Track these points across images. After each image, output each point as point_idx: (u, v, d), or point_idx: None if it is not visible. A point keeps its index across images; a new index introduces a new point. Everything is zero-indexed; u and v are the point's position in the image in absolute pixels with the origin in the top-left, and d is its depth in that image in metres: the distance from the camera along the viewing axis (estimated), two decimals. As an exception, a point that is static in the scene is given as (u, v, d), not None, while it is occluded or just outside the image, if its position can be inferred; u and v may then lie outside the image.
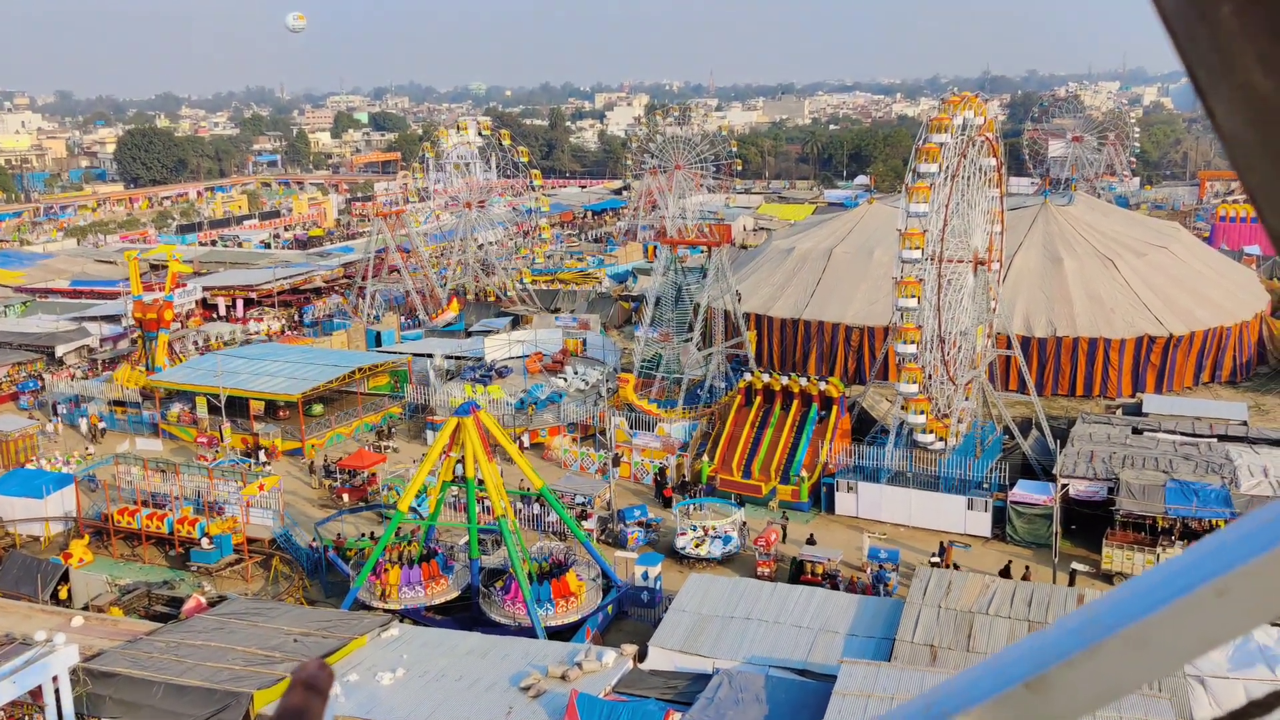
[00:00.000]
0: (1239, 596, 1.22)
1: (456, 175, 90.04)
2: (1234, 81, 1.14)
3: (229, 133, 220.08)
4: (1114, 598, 1.30)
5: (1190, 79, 1.17)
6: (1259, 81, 1.13)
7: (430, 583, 36.98)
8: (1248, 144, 1.15)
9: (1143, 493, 41.54)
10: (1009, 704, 1.32)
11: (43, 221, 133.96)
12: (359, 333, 71.48)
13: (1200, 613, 1.22)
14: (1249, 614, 1.23)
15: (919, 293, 43.71)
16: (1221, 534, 1.26)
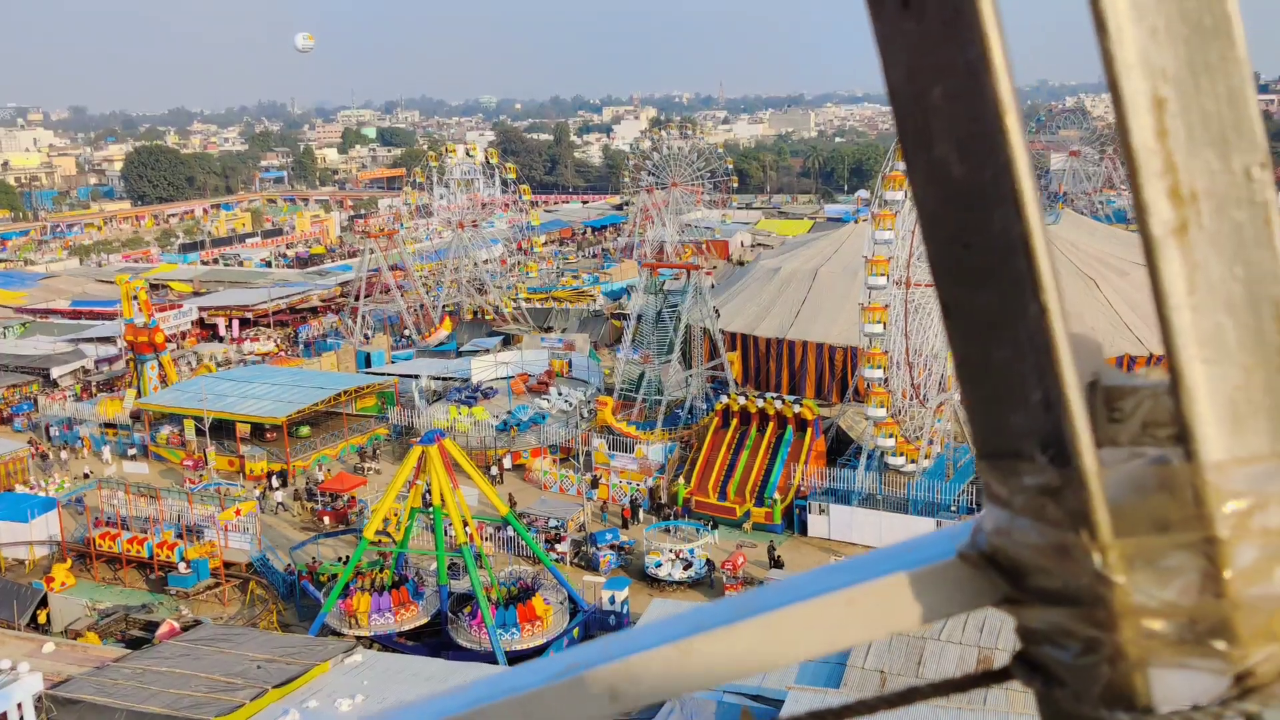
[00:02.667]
0: (863, 608, 1.49)
1: (460, 192, 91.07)
2: (931, 156, 1.30)
3: (238, 149, 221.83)
4: (770, 589, 1.58)
5: (903, 147, 1.34)
6: (953, 162, 1.30)
7: (400, 609, 37.68)
8: (932, 214, 1.31)
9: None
10: (654, 661, 1.58)
11: (49, 240, 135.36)
12: (349, 354, 72.31)
13: (829, 615, 1.49)
14: (868, 626, 1.49)
15: (884, 318, 44.37)
16: (876, 553, 1.56)
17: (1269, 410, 1.26)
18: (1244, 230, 1.23)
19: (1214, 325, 1.24)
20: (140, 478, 53.42)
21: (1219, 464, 1.23)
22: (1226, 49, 1.20)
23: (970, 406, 1.34)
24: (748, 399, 51.59)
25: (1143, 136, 1.21)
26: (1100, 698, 1.31)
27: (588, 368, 65.80)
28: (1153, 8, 1.21)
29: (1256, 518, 1.23)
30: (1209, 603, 1.26)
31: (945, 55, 1.24)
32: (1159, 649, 1.27)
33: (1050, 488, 1.29)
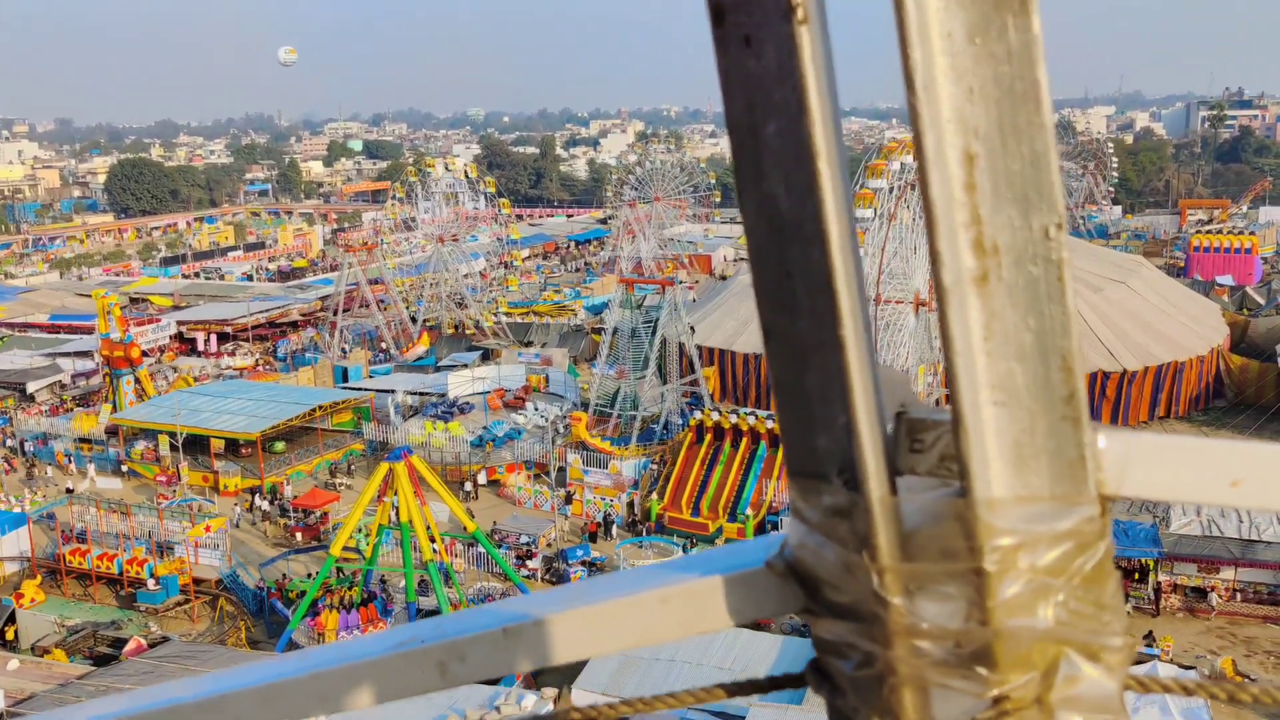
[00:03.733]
0: (675, 607, 1.63)
1: (444, 205, 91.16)
2: (762, 189, 1.40)
3: (223, 162, 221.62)
4: (594, 583, 1.73)
5: (735, 177, 1.46)
6: (780, 196, 1.40)
7: (368, 626, 37.65)
8: (760, 244, 1.42)
9: (1074, 532, 42.13)
10: (484, 642, 1.71)
11: (30, 253, 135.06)
12: (326, 369, 72.26)
13: (643, 611, 1.63)
14: (680, 624, 1.63)
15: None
16: (695, 556, 1.75)
17: (1050, 454, 1.36)
18: (1039, 285, 1.32)
19: (1006, 370, 1.35)
20: (114, 493, 53.31)
21: (990, 501, 1.35)
22: (1034, 114, 1.27)
23: (783, 427, 1.46)
24: (721, 414, 51.69)
25: (952, 189, 1.29)
26: (875, 708, 1.42)
27: (565, 383, 65.85)
28: (970, 69, 1.27)
29: (1023, 555, 1.35)
30: (974, 630, 1.35)
31: (779, 95, 1.33)
32: (927, 668, 1.38)
33: (842, 509, 1.41)
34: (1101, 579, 1.38)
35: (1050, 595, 1.36)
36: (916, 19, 1.27)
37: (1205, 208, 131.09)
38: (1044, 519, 1.36)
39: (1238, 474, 1.43)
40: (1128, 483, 1.41)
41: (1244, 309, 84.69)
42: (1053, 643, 1.37)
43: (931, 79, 1.29)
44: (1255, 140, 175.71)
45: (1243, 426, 61.36)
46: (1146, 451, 1.41)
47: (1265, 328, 74.07)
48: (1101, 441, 1.41)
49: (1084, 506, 1.37)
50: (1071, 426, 1.36)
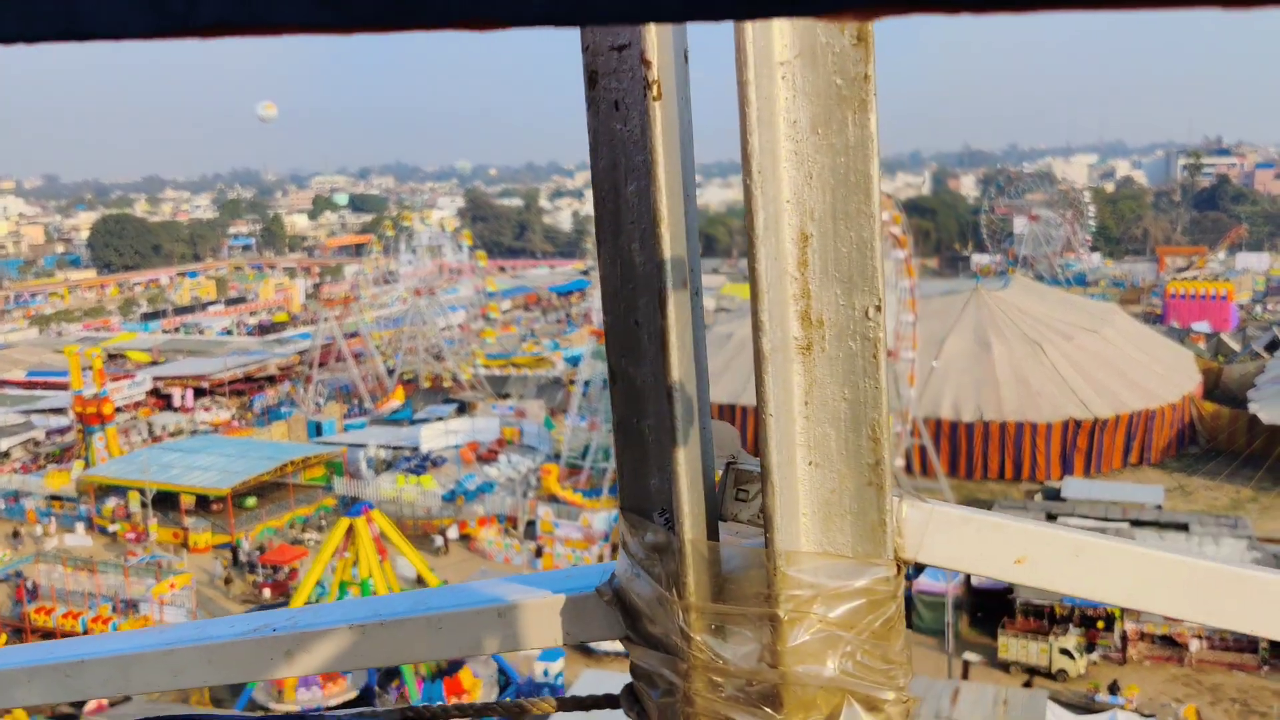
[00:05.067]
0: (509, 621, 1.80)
1: (427, 258, 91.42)
2: (618, 242, 1.54)
3: (208, 216, 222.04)
4: (444, 591, 1.93)
5: (596, 228, 1.59)
6: (635, 251, 1.53)
7: (328, 683, 37.40)
8: (614, 291, 1.55)
9: (1040, 581, 42.09)
10: (333, 638, 1.89)
11: (11, 309, 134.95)
12: (299, 423, 72.14)
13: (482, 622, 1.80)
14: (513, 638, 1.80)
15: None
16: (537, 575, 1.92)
17: (855, 515, 1.48)
18: (856, 359, 1.45)
19: (822, 434, 1.46)
20: (83, 551, 53.04)
21: (790, 554, 1.44)
22: (864, 203, 1.40)
23: (619, 465, 1.59)
24: (691, 466, 51.72)
25: (784, 264, 1.41)
26: None
27: (539, 435, 65.81)
28: (811, 157, 1.38)
29: (818, 606, 1.45)
30: (765, 671, 1.45)
31: (639, 158, 1.45)
32: (720, 703, 1.48)
33: (660, 546, 1.52)
34: (890, 635, 1.50)
35: (839, 646, 1.47)
36: (761, 106, 1.38)
37: (1183, 255, 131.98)
38: (841, 575, 1.47)
39: (1022, 552, 1.57)
40: (923, 550, 1.55)
41: (1219, 355, 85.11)
42: (837, 690, 1.47)
43: (773, 162, 1.40)
44: (1232, 188, 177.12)
45: (1214, 473, 61.57)
46: (944, 524, 1.55)
47: (1239, 374, 74.42)
48: (906, 510, 1.55)
49: (880, 567, 1.49)
50: (876, 492, 1.48)
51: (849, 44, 1.38)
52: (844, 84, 1.39)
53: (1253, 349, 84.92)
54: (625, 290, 1.52)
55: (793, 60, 1.39)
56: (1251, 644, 41.05)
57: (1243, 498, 58.10)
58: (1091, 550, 1.56)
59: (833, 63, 1.39)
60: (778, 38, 1.38)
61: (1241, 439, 63.09)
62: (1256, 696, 38.62)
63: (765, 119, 1.40)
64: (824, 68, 1.39)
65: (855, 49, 1.38)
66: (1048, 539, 1.56)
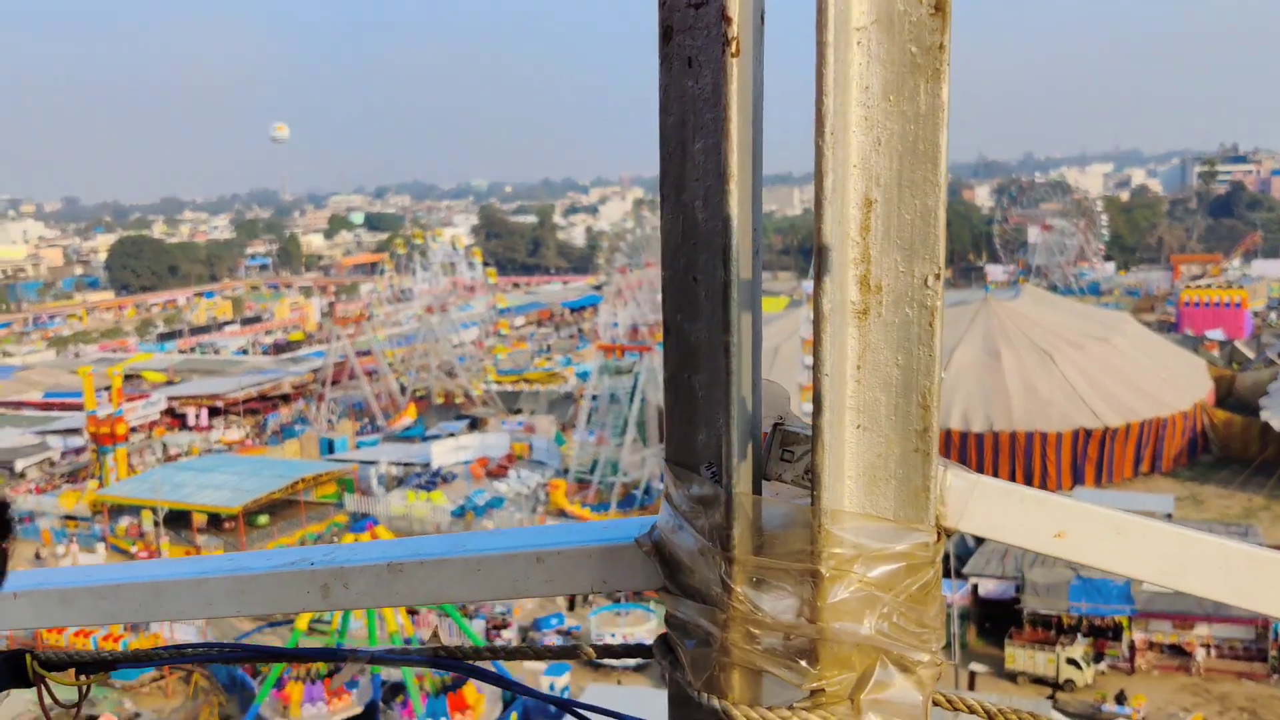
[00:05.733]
0: (548, 566, 1.82)
1: (442, 275, 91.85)
2: (681, 198, 1.54)
3: (226, 237, 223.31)
4: (480, 535, 1.94)
5: (660, 184, 1.59)
6: (698, 208, 1.53)
7: (333, 698, 37.57)
8: (675, 247, 1.56)
9: (1047, 590, 42.07)
10: (370, 574, 1.92)
11: (30, 331, 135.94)
12: (311, 441, 72.49)
13: (520, 566, 1.83)
14: (550, 583, 1.82)
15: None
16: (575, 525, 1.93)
17: (900, 480, 1.51)
18: (912, 326, 1.47)
19: (872, 399, 1.50)
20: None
21: (835, 512, 1.49)
22: (930, 172, 1.43)
23: (669, 418, 1.61)
24: (699, 480, 51.80)
25: (847, 228, 1.45)
26: (706, 684, 1.57)
27: (548, 450, 65.99)
28: (881, 123, 1.42)
29: (858, 566, 1.49)
30: (803, 626, 1.49)
31: (710, 115, 1.49)
32: (756, 655, 1.52)
33: (707, 499, 1.55)
34: (926, 600, 1.52)
35: (876, 607, 1.50)
36: (837, 70, 1.42)
37: (1198, 263, 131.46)
38: (883, 537, 1.49)
39: (1062, 527, 1.60)
40: (965, 519, 1.58)
41: (1233, 363, 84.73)
42: (871, 649, 1.50)
43: (844, 125, 1.43)
44: (1248, 195, 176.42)
45: (1226, 481, 61.32)
46: (986, 494, 1.58)
47: (1251, 381, 74.06)
48: (950, 479, 1.57)
49: (921, 533, 1.51)
50: (922, 459, 1.51)
51: (926, 13, 1.42)
52: (918, 52, 1.43)
53: (1267, 356, 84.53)
54: (686, 246, 1.55)
55: (869, 26, 1.42)
56: (1261, 652, 40.91)
57: (1255, 506, 57.83)
58: (1132, 528, 1.60)
59: (909, 30, 1.42)
60: (856, 3, 1.42)
61: (1254, 447, 62.81)
62: (1266, 705, 38.44)
63: (840, 82, 1.43)
64: (900, 35, 1.42)
65: (933, 18, 1.42)
66: (1089, 515, 1.61)
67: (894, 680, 1.51)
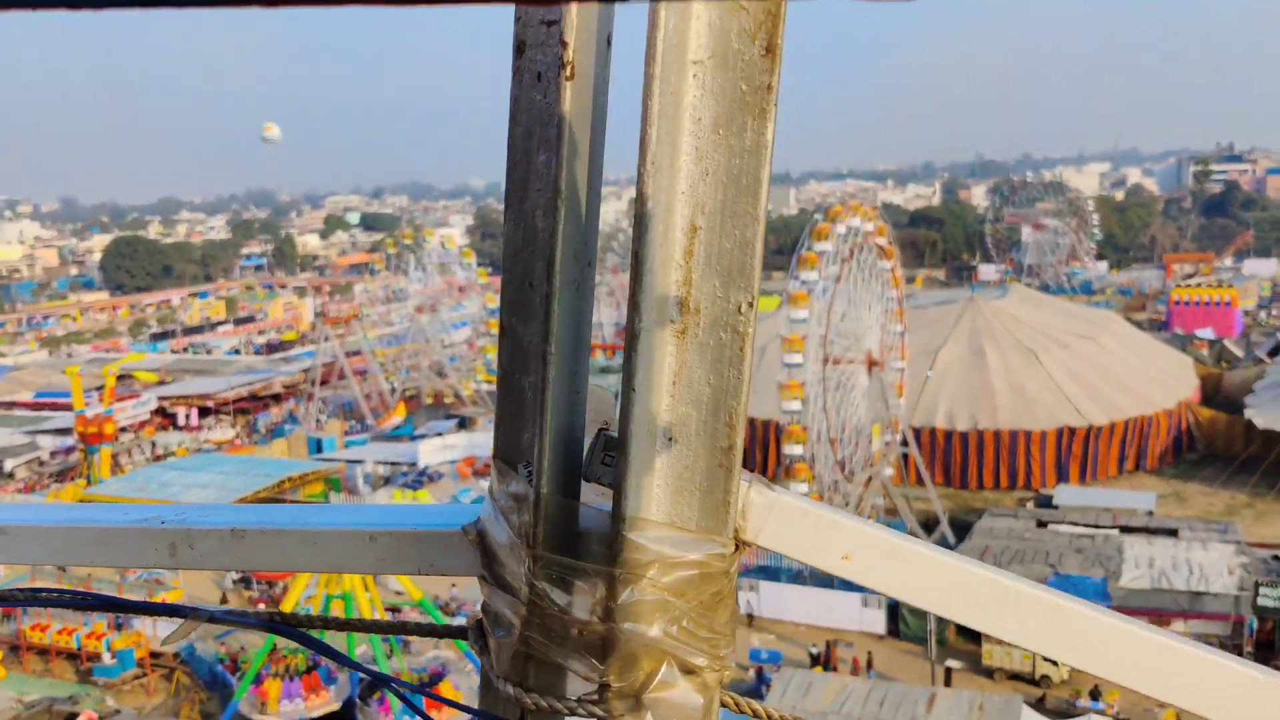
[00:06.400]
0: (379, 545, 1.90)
1: (437, 275, 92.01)
2: (523, 207, 1.64)
3: (222, 237, 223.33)
4: (321, 509, 2.04)
5: (505, 192, 1.68)
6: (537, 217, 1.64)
7: (311, 694, 37.77)
8: (514, 252, 1.66)
9: (1024, 587, 42.24)
10: (215, 538, 2.00)
11: (24, 331, 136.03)
12: (300, 440, 72.65)
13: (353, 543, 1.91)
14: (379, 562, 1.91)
15: (802, 395, 44.93)
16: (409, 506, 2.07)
17: (704, 492, 1.59)
18: (725, 350, 1.56)
19: (685, 414, 1.57)
20: (81, 569, 53.57)
21: (633, 520, 1.57)
22: (751, 206, 1.51)
23: (498, 415, 1.70)
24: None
25: (672, 251, 1.53)
26: (508, 673, 1.68)
27: (535, 449, 66.17)
28: (709, 154, 1.50)
29: (653, 571, 1.57)
30: (595, 624, 1.58)
31: (552, 131, 1.58)
32: (551, 648, 1.62)
33: (520, 497, 1.65)
34: (718, 608, 1.61)
35: (668, 611, 1.57)
36: (663, 102, 1.49)
37: (1190, 262, 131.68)
38: (680, 546, 1.57)
39: (850, 550, 1.67)
40: (762, 534, 1.66)
41: (1223, 361, 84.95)
42: (659, 651, 1.58)
43: (674, 153, 1.50)
44: (1242, 194, 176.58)
45: (1210, 479, 61.53)
46: (785, 513, 1.65)
47: (1239, 380, 74.30)
48: (754, 496, 1.65)
49: (718, 544, 1.59)
50: (725, 474, 1.60)
51: (758, 53, 1.47)
52: (748, 90, 1.47)
53: (1256, 355, 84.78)
54: (525, 252, 1.61)
55: (705, 60, 1.48)
56: (1237, 648, 41.08)
57: (1238, 503, 58.03)
58: (912, 557, 1.65)
59: (741, 69, 1.47)
60: (693, 37, 1.47)
61: (1238, 444, 63.02)
62: (1240, 700, 38.56)
63: (670, 112, 1.49)
64: (732, 72, 1.47)
65: (763, 59, 1.46)
66: (874, 541, 1.65)
67: (678, 682, 1.60)
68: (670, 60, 1.48)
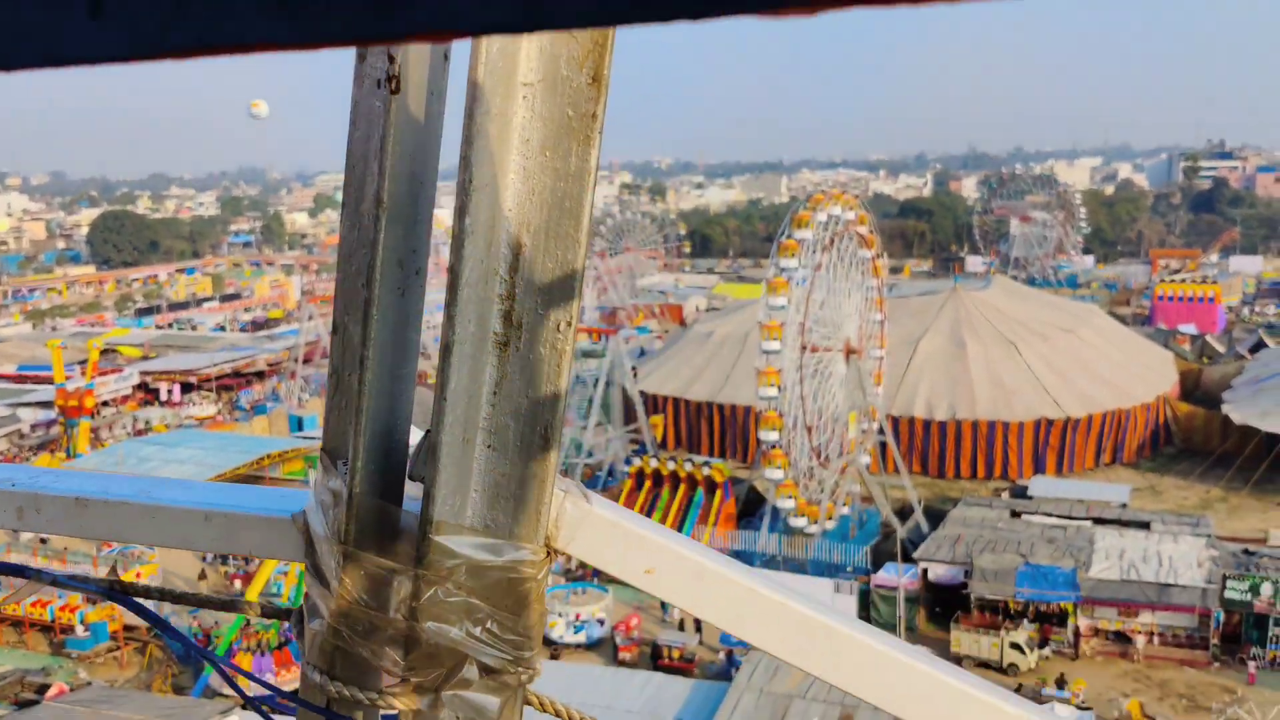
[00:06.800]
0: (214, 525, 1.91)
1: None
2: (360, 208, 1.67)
3: (211, 213, 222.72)
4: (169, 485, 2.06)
5: (344, 192, 1.70)
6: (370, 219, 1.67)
7: (282, 669, 37.92)
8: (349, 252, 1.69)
9: (995, 576, 42.56)
10: (60, 505, 2.03)
11: (8, 304, 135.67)
12: (281, 417, 72.67)
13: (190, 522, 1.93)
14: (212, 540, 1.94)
15: (779, 381, 45.08)
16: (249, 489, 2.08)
17: (518, 500, 1.63)
18: (544, 365, 1.59)
19: (504, 424, 1.60)
20: (60, 541, 53.63)
21: (441, 524, 1.60)
22: (573, 229, 1.56)
23: (327, 409, 1.75)
24: (660, 461, 52.14)
25: (497, 265, 1.56)
26: (316, 659, 1.73)
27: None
28: (536, 175, 1.54)
29: (461, 574, 1.60)
30: (399, 621, 1.61)
31: (378, 140, 1.62)
32: (357, 641, 1.65)
33: (337, 493, 1.68)
34: (523, 611, 1.66)
35: (472, 613, 1.61)
36: (497, 121, 1.52)
37: (1177, 258, 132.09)
38: (488, 550, 1.61)
39: (653, 565, 1.72)
40: (573, 544, 1.71)
41: (1204, 357, 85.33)
42: (459, 651, 1.63)
43: (503, 171, 1.53)
44: (1230, 191, 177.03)
45: (1186, 473, 61.90)
46: (596, 525, 1.71)
47: (1219, 375, 74.63)
48: (568, 506, 1.70)
49: (527, 550, 1.64)
50: (539, 485, 1.64)
51: (585, 81, 1.50)
52: (574, 117, 1.51)
53: (1237, 351, 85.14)
54: (358, 253, 1.65)
55: (536, 84, 1.51)
56: (1203, 640, 41.47)
57: (1212, 497, 58.39)
58: (710, 576, 1.69)
59: (569, 95, 1.51)
60: (524, 60, 1.50)
61: (1215, 439, 63.34)
62: (1204, 692, 38.97)
63: (498, 132, 1.52)
64: (560, 97, 1.51)
65: (590, 88, 1.50)
66: (677, 559, 1.69)
67: (474, 681, 1.65)
68: (498, 80, 1.51)
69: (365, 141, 1.62)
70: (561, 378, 1.57)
